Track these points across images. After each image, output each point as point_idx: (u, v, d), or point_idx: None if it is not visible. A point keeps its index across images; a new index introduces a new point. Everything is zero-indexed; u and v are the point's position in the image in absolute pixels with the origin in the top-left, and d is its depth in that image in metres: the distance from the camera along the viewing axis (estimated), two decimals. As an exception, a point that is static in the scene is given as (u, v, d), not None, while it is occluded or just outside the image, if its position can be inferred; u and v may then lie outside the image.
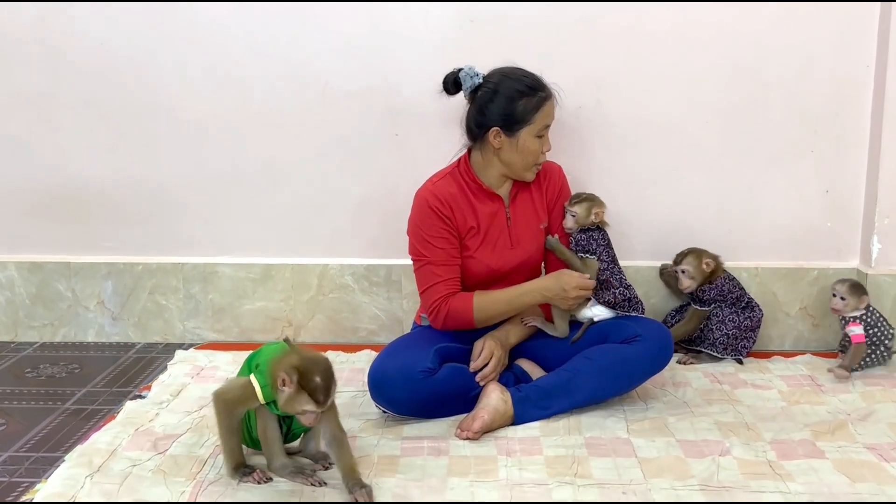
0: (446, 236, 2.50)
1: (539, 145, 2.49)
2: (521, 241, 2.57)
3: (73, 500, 1.96)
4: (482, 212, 2.54)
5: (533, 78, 2.49)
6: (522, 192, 2.60)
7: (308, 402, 1.90)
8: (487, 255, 2.53)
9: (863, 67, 2.93)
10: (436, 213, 2.48)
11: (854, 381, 2.68)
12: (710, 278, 2.83)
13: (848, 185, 3.02)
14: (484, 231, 2.54)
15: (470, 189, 2.55)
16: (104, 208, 3.13)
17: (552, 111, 2.51)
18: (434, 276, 2.48)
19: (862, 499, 1.95)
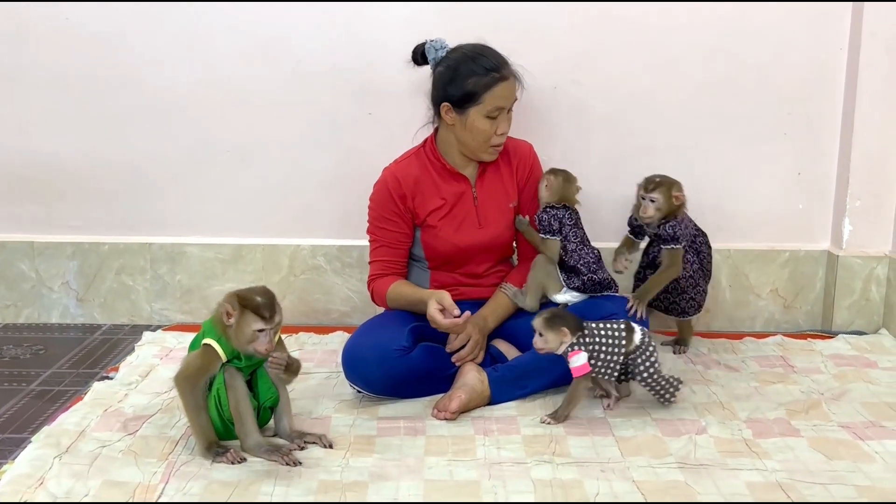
0: (395, 220, 2.52)
1: (490, 126, 2.45)
2: (488, 221, 2.56)
3: (41, 481, 1.93)
4: (447, 191, 2.54)
5: (491, 58, 2.44)
6: (490, 172, 2.59)
7: (255, 320, 1.96)
8: (452, 233, 2.53)
9: (836, 50, 2.95)
10: (390, 196, 2.51)
11: (826, 361, 2.70)
12: (676, 212, 2.63)
13: (820, 168, 3.04)
14: (449, 210, 2.53)
15: (434, 168, 2.54)
16: (69, 186, 3.08)
17: (507, 94, 2.44)
18: (377, 253, 2.57)
19: (838, 475, 1.97)
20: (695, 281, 2.72)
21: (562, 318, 2.21)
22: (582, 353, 2.19)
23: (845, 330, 3.01)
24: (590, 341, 2.21)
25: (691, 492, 1.90)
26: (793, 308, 3.10)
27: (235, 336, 1.98)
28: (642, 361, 2.24)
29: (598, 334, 2.22)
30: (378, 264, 2.56)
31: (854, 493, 1.90)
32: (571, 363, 2.20)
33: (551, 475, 1.97)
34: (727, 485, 1.93)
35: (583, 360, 2.19)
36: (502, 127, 2.47)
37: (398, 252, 2.56)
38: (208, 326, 2.06)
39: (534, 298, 2.53)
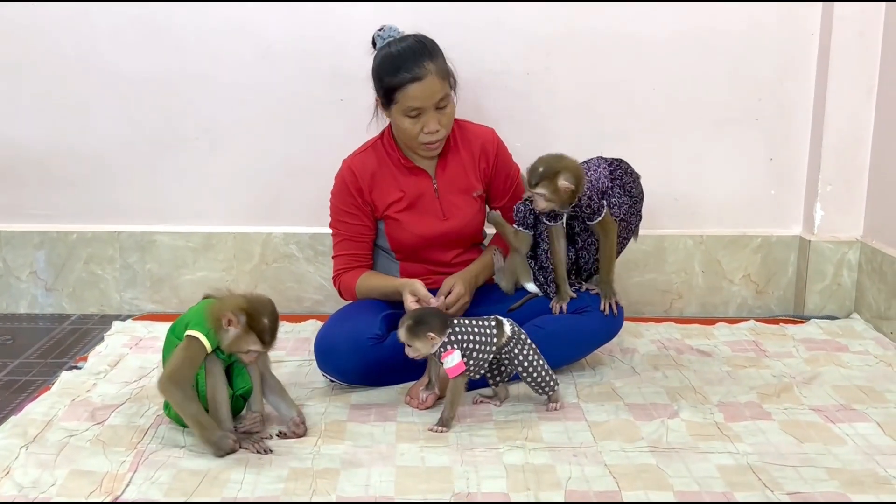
0: (355, 213, 2.52)
1: (413, 125, 2.40)
2: (453, 213, 2.54)
3: (8, 471, 1.91)
4: (406, 184, 2.52)
5: (408, 55, 2.37)
6: (451, 162, 2.56)
7: (255, 342, 1.97)
8: (415, 225, 2.52)
9: (807, 35, 2.96)
10: (348, 189, 2.51)
11: (797, 345, 2.72)
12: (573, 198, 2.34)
13: (792, 153, 3.06)
14: (410, 202, 2.52)
15: (392, 161, 2.52)
16: (34, 173, 3.05)
17: (421, 94, 2.35)
18: (340, 247, 2.56)
19: (809, 458, 1.99)
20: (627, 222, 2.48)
21: (425, 324, 2.11)
22: (455, 353, 2.12)
23: (817, 314, 3.04)
24: (461, 339, 2.14)
25: (663, 475, 1.90)
26: (765, 293, 3.12)
27: (228, 343, 1.98)
28: (518, 352, 2.18)
29: (468, 331, 2.14)
30: (342, 258, 2.55)
31: (825, 474, 1.91)
32: (445, 364, 2.12)
33: (523, 460, 1.96)
34: (699, 468, 1.93)
35: (457, 358, 2.12)
36: (430, 125, 2.40)
37: (361, 245, 2.55)
38: (195, 318, 2.02)
39: (509, 283, 2.52)
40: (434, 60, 2.38)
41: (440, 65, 2.40)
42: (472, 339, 2.14)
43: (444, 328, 2.12)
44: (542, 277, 2.48)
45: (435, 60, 2.39)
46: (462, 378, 2.14)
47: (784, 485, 1.87)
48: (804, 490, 1.85)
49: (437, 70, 2.38)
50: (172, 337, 2.09)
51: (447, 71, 2.42)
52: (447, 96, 2.42)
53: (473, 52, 2.86)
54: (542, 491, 1.84)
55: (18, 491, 1.83)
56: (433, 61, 2.38)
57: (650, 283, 3.10)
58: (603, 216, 2.38)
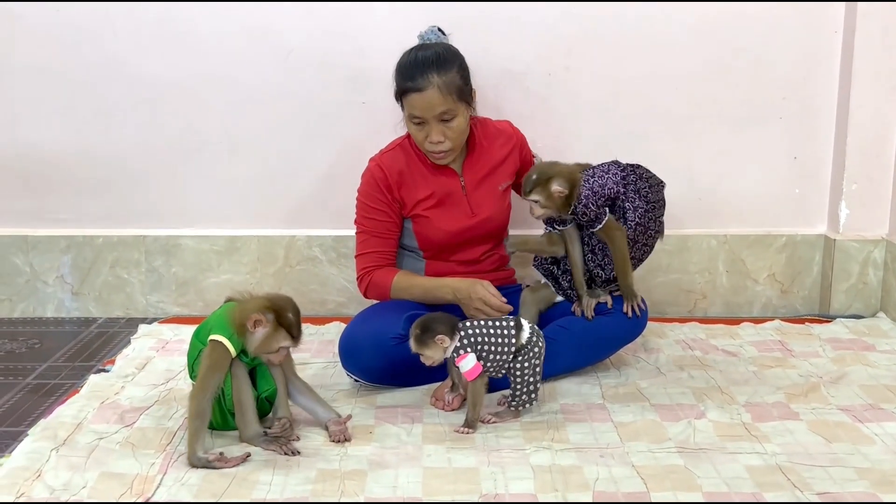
0: (385, 210, 2.53)
1: (419, 132, 2.44)
2: (481, 209, 2.56)
3: (39, 474, 1.92)
4: (435, 183, 2.54)
5: (416, 65, 2.40)
6: (477, 159, 2.59)
7: (285, 338, 2.00)
8: (444, 222, 2.54)
9: (831, 33, 2.95)
10: (377, 186, 2.52)
11: (824, 345, 2.71)
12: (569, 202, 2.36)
13: (816, 152, 3.05)
14: (438, 200, 2.54)
15: (419, 159, 2.54)
16: (60, 178, 3.07)
17: (421, 105, 2.38)
18: (367, 245, 2.55)
19: (838, 458, 1.98)
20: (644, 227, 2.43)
21: (432, 330, 2.09)
22: (470, 355, 2.10)
23: (843, 314, 3.02)
24: (474, 340, 2.11)
25: (691, 476, 1.90)
26: (790, 293, 3.11)
27: (257, 344, 2.00)
28: (525, 360, 2.16)
29: (481, 332, 2.12)
30: (371, 256, 2.54)
31: (854, 474, 1.90)
32: (461, 367, 2.11)
33: (550, 461, 1.97)
34: (727, 468, 1.93)
35: (472, 361, 2.10)
36: (432, 136, 2.42)
37: (389, 242, 2.56)
38: (218, 322, 2.03)
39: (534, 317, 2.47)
40: (442, 74, 2.38)
41: (448, 79, 2.39)
42: (487, 340, 2.12)
43: (454, 331, 2.11)
44: (565, 282, 2.48)
45: (443, 74, 2.38)
46: (481, 379, 2.14)
47: (813, 485, 1.86)
48: (834, 490, 1.84)
49: (441, 84, 2.37)
50: (197, 342, 2.10)
51: (456, 86, 2.40)
52: (451, 111, 2.40)
53: (493, 52, 2.87)
54: (570, 492, 1.84)
55: (50, 493, 1.85)
56: (440, 75, 2.38)
57: (674, 283, 3.09)
58: (604, 223, 2.36)
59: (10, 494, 1.83)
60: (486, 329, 2.13)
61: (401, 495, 1.84)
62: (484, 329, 2.13)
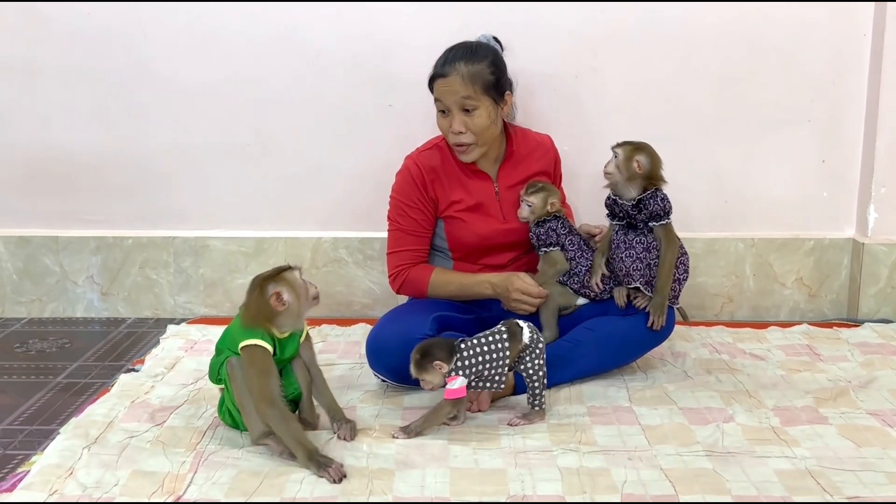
0: (421, 208, 2.54)
1: (443, 122, 2.47)
2: (512, 216, 2.57)
3: (71, 471, 1.95)
4: (469, 186, 2.56)
5: (453, 53, 2.45)
6: (513, 166, 2.60)
7: (309, 285, 2.08)
8: (476, 224, 2.55)
9: (860, 35, 2.94)
10: (413, 183, 2.53)
11: (852, 349, 2.70)
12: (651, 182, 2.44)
13: (844, 155, 3.04)
14: (472, 203, 2.55)
15: (455, 161, 2.56)
16: (90, 180, 3.11)
17: (441, 90, 2.43)
18: (402, 242, 2.56)
19: (868, 462, 1.97)
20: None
21: (430, 355, 2.09)
22: (459, 379, 2.08)
23: (871, 318, 3.01)
24: (469, 363, 2.09)
25: (720, 479, 1.90)
26: (818, 297, 3.10)
27: (289, 313, 2.04)
28: (531, 359, 2.16)
29: (476, 352, 2.10)
30: (405, 254, 2.55)
31: (884, 479, 1.90)
32: (448, 387, 2.09)
33: (578, 463, 1.97)
34: (756, 472, 1.93)
35: (459, 384, 2.08)
36: (454, 125, 2.44)
37: (423, 240, 2.57)
38: (238, 331, 2.03)
39: (552, 329, 2.48)
40: (469, 64, 2.41)
41: (475, 69, 2.41)
42: (482, 361, 2.11)
43: (451, 355, 2.10)
44: (575, 284, 2.49)
45: (470, 64, 2.41)
46: (454, 403, 2.12)
47: (843, 489, 1.86)
48: (864, 494, 1.84)
49: (466, 72, 2.40)
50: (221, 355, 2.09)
51: (483, 78, 2.42)
52: (472, 100, 2.41)
53: (521, 55, 2.87)
54: (598, 494, 1.85)
55: (82, 491, 1.87)
56: (468, 65, 2.41)
57: (701, 286, 3.08)
58: (666, 223, 2.39)
59: (42, 492, 1.86)
60: (480, 349, 2.12)
61: (429, 495, 1.85)
62: (478, 349, 2.12)
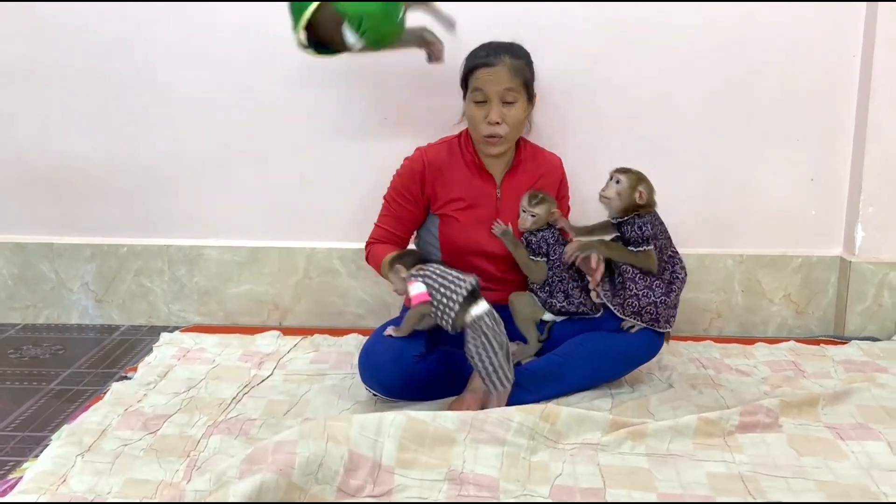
0: (411, 201, 2.61)
1: (479, 112, 2.50)
2: (508, 222, 2.59)
3: (64, 479, 1.98)
4: (472, 185, 2.59)
5: (487, 46, 2.53)
6: (519, 176, 2.64)
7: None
8: (469, 226, 2.58)
9: (849, 57, 2.97)
10: (412, 177, 2.60)
11: (836, 366, 2.72)
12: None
13: (833, 174, 3.07)
14: (470, 204, 2.59)
15: (464, 159, 2.61)
16: (87, 187, 3.13)
17: (487, 78, 2.47)
18: (384, 220, 2.66)
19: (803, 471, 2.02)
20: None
21: (399, 259, 2.42)
22: (418, 283, 2.30)
23: (858, 336, 3.04)
24: (427, 277, 2.32)
25: (651, 478, 1.97)
26: (805, 314, 3.13)
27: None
28: (471, 340, 2.25)
29: (437, 274, 2.32)
30: (381, 230, 2.66)
31: (814, 486, 1.94)
32: (409, 291, 2.32)
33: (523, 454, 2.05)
34: (689, 474, 1.99)
35: (419, 289, 2.30)
36: (492, 115, 2.47)
37: (402, 227, 2.65)
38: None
39: (531, 338, 2.55)
40: (514, 58, 2.49)
41: (518, 64, 2.49)
42: (437, 281, 2.29)
43: (414, 265, 2.36)
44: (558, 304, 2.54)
45: (514, 59, 2.49)
46: (423, 307, 2.30)
47: (769, 494, 1.91)
48: (787, 499, 1.89)
49: (511, 65, 2.47)
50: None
51: (524, 74, 2.51)
52: (514, 92, 2.48)
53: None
54: (531, 483, 1.93)
55: (75, 498, 1.89)
56: (512, 58, 2.49)
57: (690, 301, 3.10)
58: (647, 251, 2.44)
59: (35, 495, 1.89)
60: (442, 274, 2.32)
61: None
62: (440, 273, 2.32)
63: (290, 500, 1.81)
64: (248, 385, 2.55)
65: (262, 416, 2.33)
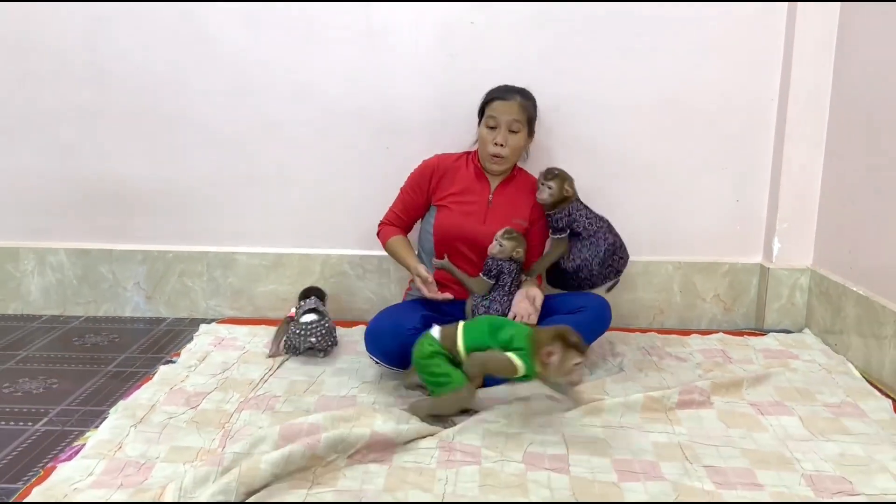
0: (419, 192, 2.66)
1: (489, 135, 2.56)
2: (492, 223, 2.58)
3: (120, 446, 1.98)
4: (470, 185, 2.63)
5: (510, 87, 2.60)
6: (512, 189, 2.65)
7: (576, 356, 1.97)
8: (460, 216, 2.59)
9: (768, 100, 2.99)
10: (425, 173, 2.65)
11: (757, 354, 2.73)
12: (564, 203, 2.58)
13: (754, 196, 3.08)
14: (464, 199, 2.61)
15: (472, 167, 2.65)
16: (140, 204, 3.12)
17: (501, 109, 2.54)
18: (396, 206, 2.71)
19: (731, 440, 2.03)
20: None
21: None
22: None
23: (775, 329, 3.05)
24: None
25: (606, 445, 1.99)
26: (732, 310, 3.14)
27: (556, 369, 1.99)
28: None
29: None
30: (392, 214, 2.70)
31: (739, 454, 1.96)
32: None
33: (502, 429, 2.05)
34: (637, 443, 2.00)
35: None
36: (499, 138, 2.54)
37: (409, 214, 2.69)
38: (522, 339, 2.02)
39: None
40: (524, 99, 2.58)
41: (526, 104, 2.59)
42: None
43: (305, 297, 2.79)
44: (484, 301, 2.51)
45: (524, 99, 2.58)
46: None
47: (702, 459, 1.92)
48: (717, 464, 1.90)
49: (520, 103, 2.57)
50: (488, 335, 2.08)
51: (528, 113, 2.59)
52: (519, 123, 2.56)
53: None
54: (507, 450, 1.94)
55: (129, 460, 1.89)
56: (523, 99, 2.57)
57: (638, 300, 3.12)
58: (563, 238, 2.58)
59: (96, 459, 1.89)
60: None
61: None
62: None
63: (310, 467, 1.81)
64: (272, 368, 2.55)
65: (285, 394, 2.32)
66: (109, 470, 1.85)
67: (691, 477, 1.84)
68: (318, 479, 1.80)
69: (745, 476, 1.85)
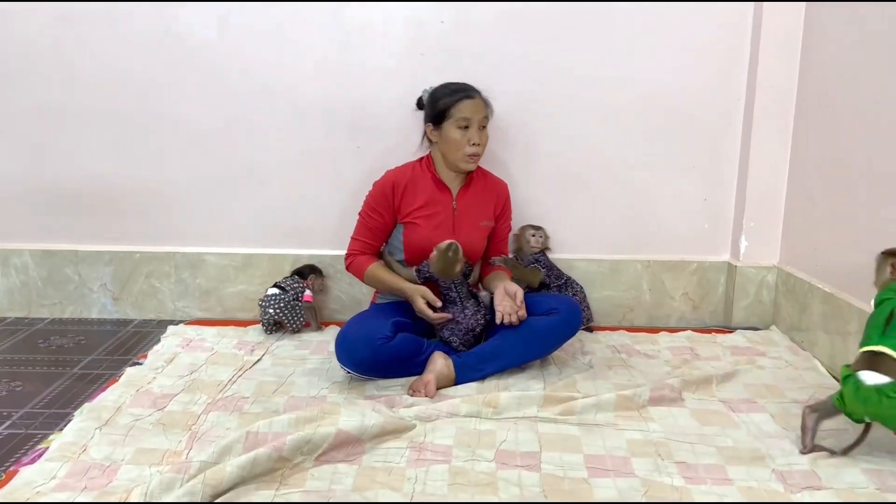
0: (383, 213, 2.60)
1: (462, 136, 2.52)
2: (461, 231, 2.58)
3: (85, 448, 1.94)
4: (433, 197, 2.59)
5: (458, 84, 2.56)
6: (472, 191, 2.64)
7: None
8: (429, 230, 2.57)
9: (735, 100, 3.02)
10: (383, 193, 2.59)
11: (725, 351, 2.75)
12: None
13: (722, 195, 3.10)
14: (430, 211, 2.58)
15: (426, 177, 2.61)
16: (108, 204, 3.07)
17: (472, 108, 2.51)
18: (361, 233, 2.64)
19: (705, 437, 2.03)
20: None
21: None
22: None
23: (742, 326, 3.07)
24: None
25: (580, 443, 1.97)
26: (700, 308, 3.16)
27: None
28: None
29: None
30: (359, 242, 2.63)
31: (714, 451, 1.95)
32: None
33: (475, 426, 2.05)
34: (611, 440, 1.99)
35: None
36: (474, 138, 2.52)
37: (377, 238, 2.63)
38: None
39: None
40: (480, 94, 2.55)
41: (486, 99, 2.56)
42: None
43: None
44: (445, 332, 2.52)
45: (480, 94, 2.55)
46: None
47: (675, 455, 1.92)
48: (689, 461, 1.90)
49: (483, 98, 2.55)
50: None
51: (488, 105, 2.57)
52: (487, 119, 2.56)
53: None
54: (479, 448, 1.92)
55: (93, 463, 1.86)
56: (479, 93, 2.55)
57: (607, 298, 3.13)
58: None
59: (59, 462, 1.85)
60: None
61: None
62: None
63: (277, 469, 1.78)
64: (241, 369, 2.51)
65: (254, 395, 2.29)
66: (73, 473, 1.82)
67: (661, 473, 1.84)
68: (285, 481, 1.78)
69: (716, 472, 1.85)
